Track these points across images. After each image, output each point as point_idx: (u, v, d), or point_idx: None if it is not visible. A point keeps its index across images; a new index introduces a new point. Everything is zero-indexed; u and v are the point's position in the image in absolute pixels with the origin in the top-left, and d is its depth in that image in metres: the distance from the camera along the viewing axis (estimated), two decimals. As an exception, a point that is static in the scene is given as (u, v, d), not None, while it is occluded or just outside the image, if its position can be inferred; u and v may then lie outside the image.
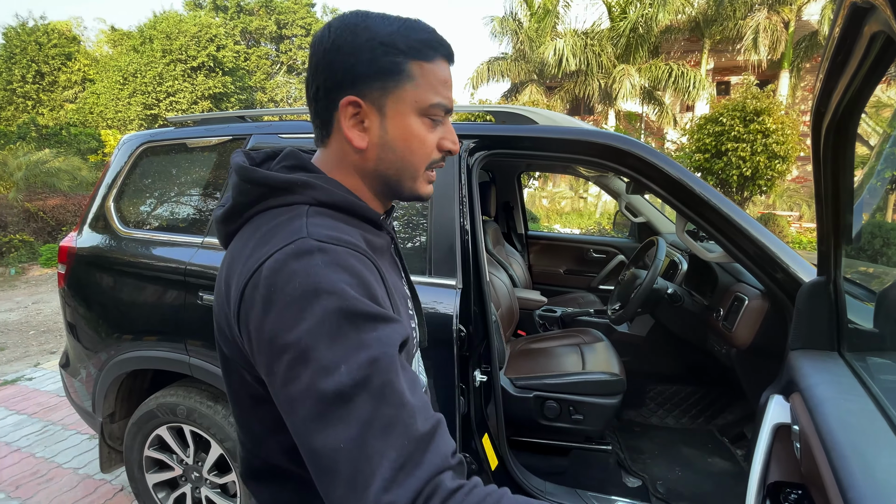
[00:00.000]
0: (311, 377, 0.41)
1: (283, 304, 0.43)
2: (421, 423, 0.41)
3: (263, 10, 22.81)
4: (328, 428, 0.40)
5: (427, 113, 0.55)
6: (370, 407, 0.40)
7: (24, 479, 2.16)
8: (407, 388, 0.43)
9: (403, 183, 0.57)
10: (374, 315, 0.44)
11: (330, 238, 0.47)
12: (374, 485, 0.38)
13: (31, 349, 3.94)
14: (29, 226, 7.66)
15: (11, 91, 18.39)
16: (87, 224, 1.86)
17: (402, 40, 0.52)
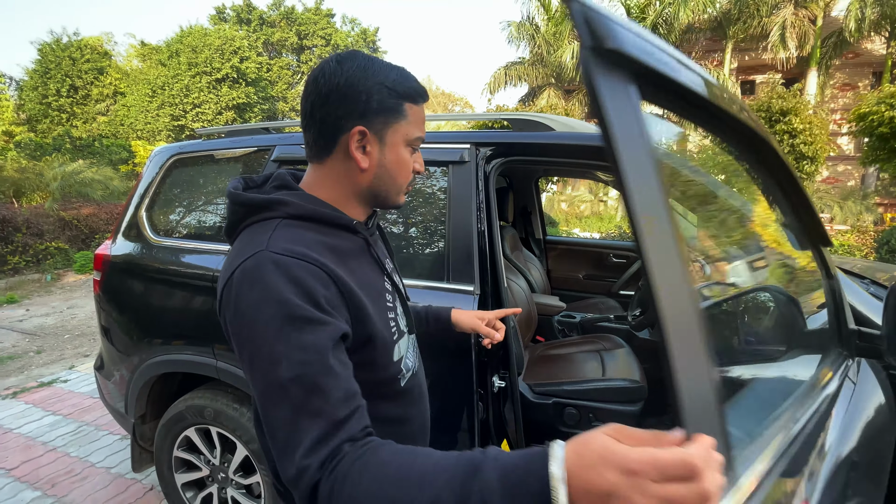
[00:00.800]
0: (262, 367, 0.55)
1: (244, 308, 0.57)
2: (341, 411, 0.54)
3: (285, 22, 23.38)
4: (272, 407, 0.54)
5: (411, 143, 0.70)
6: (302, 397, 0.53)
7: (59, 478, 2.26)
8: (333, 383, 0.55)
9: (390, 196, 0.72)
10: (311, 319, 0.56)
11: (285, 251, 0.59)
12: (298, 451, 0.51)
13: (66, 352, 4.11)
14: (64, 234, 8.00)
15: (47, 105, 19.30)
16: (120, 233, 1.95)
17: (401, 86, 0.67)
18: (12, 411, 2.94)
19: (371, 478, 0.48)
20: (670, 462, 0.37)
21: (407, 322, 0.79)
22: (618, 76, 0.51)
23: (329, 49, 23.80)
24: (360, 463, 0.50)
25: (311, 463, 0.50)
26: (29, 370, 3.69)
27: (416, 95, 0.69)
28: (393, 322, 0.73)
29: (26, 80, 19.83)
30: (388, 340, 0.70)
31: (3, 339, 4.45)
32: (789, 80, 12.89)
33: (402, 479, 0.47)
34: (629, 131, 0.50)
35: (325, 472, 0.50)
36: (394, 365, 0.72)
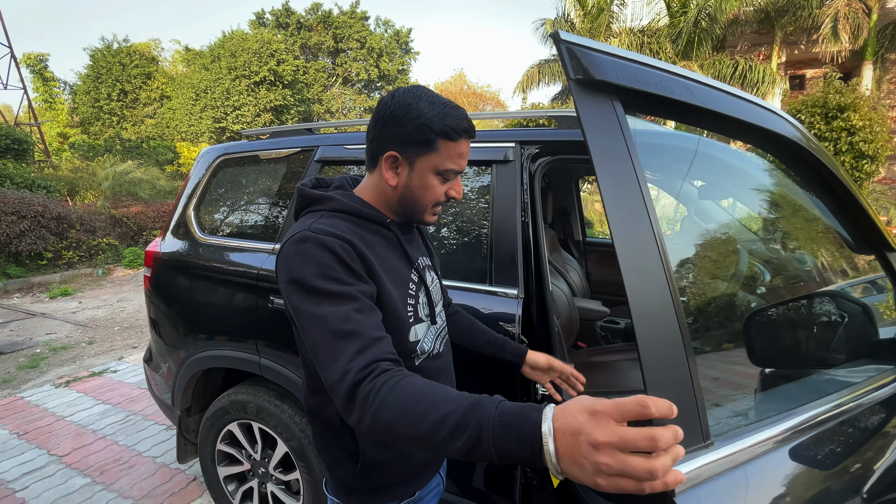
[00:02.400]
0: (305, 309, 0.70)
1: (289, 268, 0.73)
2: (373, 333, 0.69)
3: (321, 25, 23.89)
4: (317, 333, 0.69)
5: (441, 174, 0.81)
6: (338, 324, 0.68)
7: (107, 465, 2.36)
8: (364, 318, 0.70)
9: (416, 214, 0.86)
10: (340, 279, 0.72)
11: (321, 231, 0.74)
12: (340, 361, 0.66)
13: (115, 344, 4.32)
14: (114, 230, 8.44)
15: (99, 108, 20.45)
16: (169, 230, 2.01)
17: (438, 124, 0.77)
18: (65, 399, 3.11)
19: (402, 391, 0.61)
20: (627, 407, 0.46)
21: (429, 312, 0.91)
22: (603, 98, 0.63)
23: (363, 51, 24.16)
24: (395, 379, 0.62)
25: (353, 367, 0.64)
26: (81, 360, 3.89)
27: (452, 132, 0.78)
28: (411, 308, 0.85)
29: (80, 85, 21.09)
30: (402, 319, 0.82)
31: (58, 330, 4.72)
32: (843, 74, 12.14)
33: (424, 397, 0.59)
34: (612, 146, 0.61)
35: (366, 376, 0.63)
36: (408, 343, 0.83)
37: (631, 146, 0.63)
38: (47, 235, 7.11)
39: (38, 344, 4.28)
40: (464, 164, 0.83)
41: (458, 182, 0.85)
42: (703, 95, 0.75)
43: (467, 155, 0.82)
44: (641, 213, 0.62)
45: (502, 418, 0.52)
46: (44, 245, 7.03)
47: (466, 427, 0.53)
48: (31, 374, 3.57)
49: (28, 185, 8.36)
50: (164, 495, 2.13)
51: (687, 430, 0.57)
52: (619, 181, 0.61)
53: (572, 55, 0.61)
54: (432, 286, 0.93)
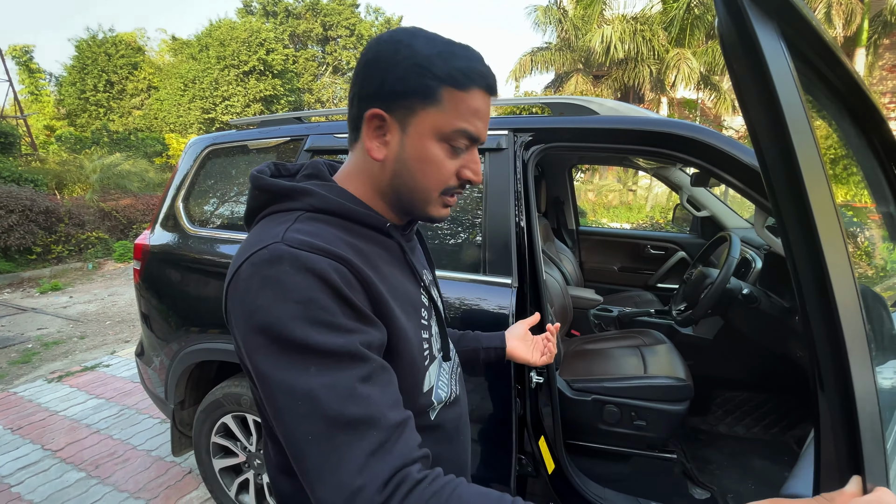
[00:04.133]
0: (281, 378, 0.46)
1: (254, 308, 0.47)
2: (392, 416, 0.47)
3: (310, 13, 23.49)
4: (298, 420, 0.45)
5: (448, 138, 0.55)
6: (338, 405, 0.45)
7: (102, 460, 2.35)
8: (374, 390, 0.47)
9: (415, 203, 0.59)
10: (337, 325, 0.47)
11: (302, 244, 0.49)
12: (344, 469, 0.43)
13: (107, 338, 4.28)
14: (103, 224, 8.33)
15: (85, 100, 20.05)
16: (158, 223, 1.98)
17: (441, 65, 0.53)
18: (58, 394, 3.09)
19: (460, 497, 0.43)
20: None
21: (442, 345, 0.67)
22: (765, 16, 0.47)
23: (353, 40, 23.82)
24: (437, 498, 0.43)
25: (368, 483, 0.42)
26: (73, 355, 3.86)
27: (462, 77, 0.53)
28: (426, 344, 0.62)
29: (65, 77, 20.64)
30: (419, 365, 0.59)
31: (49, 325, 4.67)
32: (836, 61, 12.14)
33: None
34: (782, 69, 0.45)
35: (391, 495, 0.42)
36: (423, 396, 0.61)
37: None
38: (36, 230, 7.01)
39: (29, 339, 4.24)
40: (482, 129, 0.57)
41: (475, 157, 0.59)
42: None
43: (487, 116, 0.57)
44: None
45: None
46: (32, 239, 6.93)
47: None
48: (23, 370, 3.54)
49: (15, 179, 8.22)
50: (159, 488, 2.13)
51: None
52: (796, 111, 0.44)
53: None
54: (441, 308, 0.72)
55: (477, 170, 0.59)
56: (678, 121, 1.24)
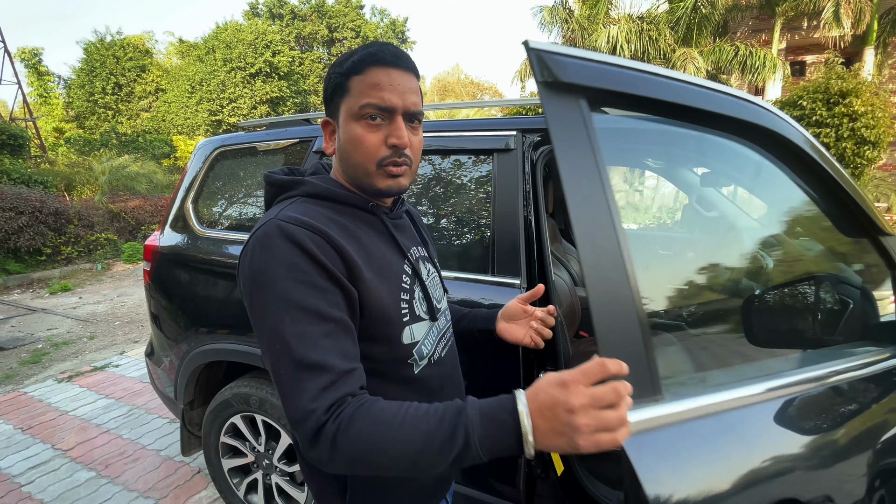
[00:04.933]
0: (267, 324, 0.60)
1: (254, 270, 0.62)
2: (341, 366, 0.60)
3: (316, 15, 23.61)
4: (277, 359, 0.59)
5: (360, 115, 0.67)
6: (303, 352, 0.58)
7: (112, 459, 2.37)
8: (331, 343, 0.60)
9: (361, 180, 0.71)
10: (313, 284, 0.61)
11: (290, 219, 0.63)
12: (304, 397, 0.58)
13: (117, 338, 4.32)
14: (112, 225, 8.41)
15: (93, 102, 20.28)
16: (168, 224, 2.00)
17: (347, 64, 0.68)
18: (68, 394, 3.11)
19: (373, 420, 0.56)
20: (590, 370, 0.52)
21: (428, 308, 0.77)
22: (569, 98, 0.67)
23: (359, 41, 23.90)
24: (362, 409, 0.57)
25: (317, 407, 0.57)
26: (83, 355, 3.90)
27: (359, 65, 0.67)
28: (406, 305, 0.73)
29: (74, 79, 20.89)
30: (392, 319, 0.70)
31: (59, 326, 4.72)
32: (845, 59, 12.04)
33: (399, 422, 0.56)
34: (576, 142, 0.65)
35: (330, 416, 0.57)
36: (402, 347, 0.71)
37: (595, 142, 0.67)
38: (46, 231, 7.09)
39: (39, 339, 4.28)
40: (389, 98, 0.65)
41: (399, 125, 0.67)
42: (669, 89, 0.78)
43: (393, 87, 0.66)
44: (602, 204, 0.66)
45: (483, 419, 0.55)
46: (42, 241, 7.01)
47: (454, 439, 0.54)
48: (33, 370, 3.58)
49: (25, 181, 8.32)
50: (168, 488, 2.14)
51: (640, 385, 0.63)
52: (582, 174, 0.66)
53: (541, 60, 0.65)
54: (429, 280, 0.81)
55: (400, 135, 0.67)
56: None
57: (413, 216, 0.90)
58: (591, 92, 0.68)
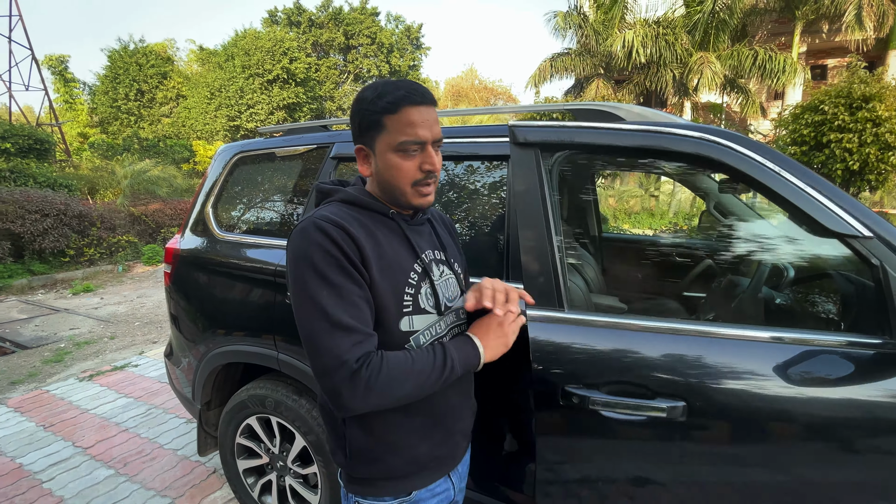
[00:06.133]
0: (304, 295, 0.77)
1: (293, 254, 0.80)
2: (366, 329, 0.78)
3: (332, 22, 23.95)
4: (314, 321, 0.76)
5: (398, 149, 0.81)
6: (336, 316, 0.76)
7: (130, 458, 2.42)
8: (357, 312, 0.78)
9: (397, 197, 0.86)
10: (340, 266, 0.77)
11: (324, 218, 0.80)
12: (338, 350, 0.75)
13: (136, 339, 4.41)
14: (133, 228, 8.61)
15: (117, 108, 20.84)
16: (188, 228, 2.04)
17: (378, 103, 0.80)
18: (89, 393, 3.19)
19: (394, 365, 0.77)
20: (512, 295, 0.89)
21: (435, 304, 0.90)
22: (528, 150, 1.22)
23: (374, 48, 24.17)
24: (384, 359, 0.77)
25: (350, 358, 0.74)
26: (104, 354, 3.99)
27: (392, 105, 0.79)
28: (408, 297, 0.86)
29: (98, 86, 21.50)
30: (390, 308, 0.83)
31: (81, 326, 4.84)
32: (867, 63, 11.76)
33: (411, 364, 0.79)
34: (530, 182, 1.21)
35: (361, 364, 0.74)
36: (399, 333, 0.84)
37: (545, 180, 1.21)
38: (69, 233, 7.29)
39: (62, 339, 4.40)
40: (423, 134, 0.80)
41: (430, 153, 0.82)
42: (607, 136, 1.18)
43: (424, 122, 0.80)
44: (541, 209, 1.21)
45: (460, 352, 0.84)
46: (66, 242, 7.21)
47: (445, 366, 0.81)
48: (55, 368, 3.67)
49: (50, 184, 8.57)
50: (185, 487, 2.17)
51: (549, 301, 1.16)
52: (531, 200, 1.21)
53: (515, 130, 1.22)
54: (440, 280, 0.93)
55: (433, 162, 0.83)
56: (713, 127, 1.21)
57: (445, 225, 1.05)
58: (542, 146, 1.21)
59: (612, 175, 10.88)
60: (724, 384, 1.01)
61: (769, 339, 1.03)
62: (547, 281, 1.17)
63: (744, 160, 1.06)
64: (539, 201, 1.20)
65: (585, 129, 1.18)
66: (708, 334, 1.07)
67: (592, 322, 1.14)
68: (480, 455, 1.19)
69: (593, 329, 1.14)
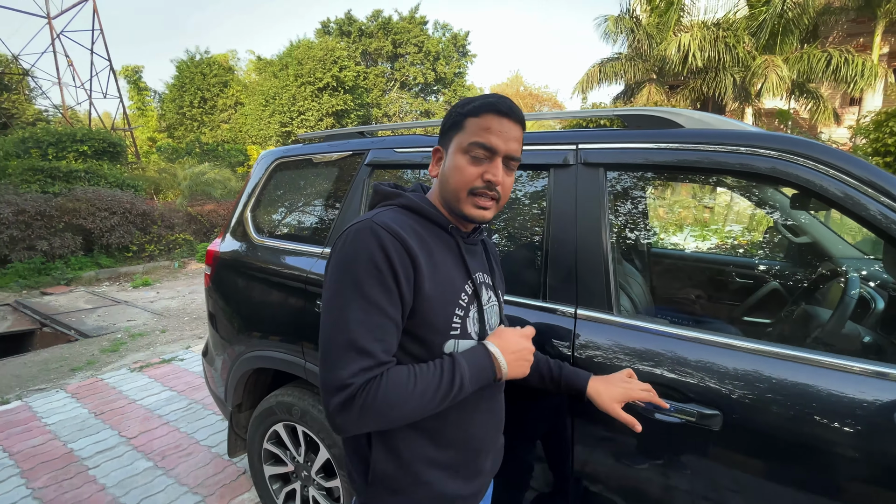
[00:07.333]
0: (335, 302, 0.73)
1: (341, 256, 0.75)
2: (382, 357, 0.72)
3: (381, 32, 24.56)
4: (335, 332, 0.72)
5: (467, 150, 0.79)
6: (358, 335, 0.71)
7: (168, 451, 2.49)
8: (382, 335, 0.72)
9: (452, 202, 0.82)
10: (383, 282, 0.72)
11: (383, 224, 0.75)
12: (346, 371, 0.70)
13: (185, 333, 4.62)
14: (190, 227, 9.12)
15: (182, 114, 22.34)
16: (229, 231, 2.08)
17: (467, 106, 0.81)
18: (138, 384, 3.35)
19: (392, 385, 0.70)
20: (531, 331, 0.87)
21: (480, 330, 0.85)
22: (593, 169, 1.23)
23: (420, 56, 24.53)
24: (385, 380, 0.71)
25: (354, 382, 0.69)
26: (154, 347, 4.20)
27: (477, 109, 0.78)
28: (457, 319, 0.81)
29: (167, 94, 23.16)
30: (438, 327, 0.78)
31: (137, 318, 5.14)
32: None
33: (414, 383, 0.72)
34: (592, 200, 1.22)
35: (360, 391, 0.69)
36: (442, 355, 0.79)
37: (604, 190, 1.21)
38: (133, 230, 7.83)
39: (119, 329, 4.68)
40: (495, 142, 0.78)
41: (497, 166, 0.79)
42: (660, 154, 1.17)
43: (501, 133, 0.78)
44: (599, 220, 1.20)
45: (472, 368, 0.76)
46: (130, 239, 7.74)
47: (452, 385, 0.74)
48: (111, 358, 3.90)
49: (119, 185, 9.26)
50: (216, 486, 2.20)
51: (602, 304, 1.15)
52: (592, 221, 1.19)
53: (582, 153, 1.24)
54: (487, 305, 0.88)
55: (496, 173, 0.79)
56: (791, 136, 1.06)
57: (487, 247, 0.99)
58: (606, 165, 1.21)
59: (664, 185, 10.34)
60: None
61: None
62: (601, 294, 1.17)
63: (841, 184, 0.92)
64: (598, 221, 1.18)
65: (647, 150, 1.15)
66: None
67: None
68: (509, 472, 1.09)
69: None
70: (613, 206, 1.35)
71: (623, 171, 1.27)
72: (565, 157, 1.27)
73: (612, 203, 1.33)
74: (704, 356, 1.02)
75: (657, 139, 1.19)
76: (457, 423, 0.83)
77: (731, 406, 0.95)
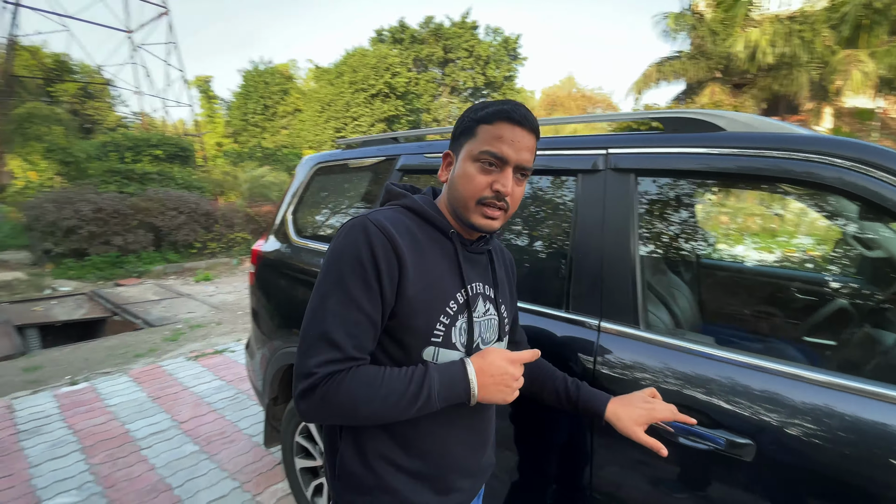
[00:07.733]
0: (320, 290, 0.75)
1: (333, 248, 0.76)
2: (353, 353, 0.72)
3: (433, 38, 24.93)
4: (312, 321, 0.73)
5: (477, 158, 0.77)
6: (332, 327, 0.71)
7: (213, 437, 2.64)
8: (357, 331, 0.72)
9: (460, 210, 0.80)
10: (365, 278, 0.72)
11: (375, 221, 0.75)
12: (314, 359, 0.71)
13: (237, 326, 4.90)
14: (248, 226, 9.69)
15: (246, 121, 23.84)
16: (272, 231, 2.18)
17: (480, 112, 0.79)
18: (192, 371, 3.59)
19: (358, 383, 0.71)
20: (525, 357, 0.80)
21: (467, 342, 0.81)
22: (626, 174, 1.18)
23: (471, 60, 24.63)
24: (350, 376, 0.71)
25: (320, 372, 0.70)
26: (209, 338, 4.49)
27: (490, 117, 0.76)
28: (441, 327, 0.78)
29: (233, 101, 24.82)
30: (419, 332, 0.77)
31: (197, 310, 5.51)
32: None
33: (378, 384, 0.71)
34: (621, 207, 1.17)
35: (324, 381, 0.70)
36: (419, 361, 0.77)
37: (634, 198, 1.15)
38: (198, 228, 8.43)
39: (180, 320, 5.05)
40: (506, 151, 0.75)
41: (507, 176, 0.76)
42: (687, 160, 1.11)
43: (513, 142, 0.76)
44: (627, 231, 1.13)
45: (443, 384, 0.73)
46: (195, 236, 8.35)
47: (419, 395, 0.72)
48: (171, 346, 4.21)
49: (187, 186, 10.01)
50: (253, 473, 2.31)
51: (628, 318, 1.09)
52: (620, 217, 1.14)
53: (611, 158, 1.19)
54: (481, 318, 0.84)
55: (505, 183, 0.76)
56: (858, 142, 0.95)
57: (504, 262, 0.97)
58: (637, 171, 1.15)
59: (718, 192, 9.67)
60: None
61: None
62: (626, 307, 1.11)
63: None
64: (627, 230, 1.13)
65: (682, 155, 1.10)
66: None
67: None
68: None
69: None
70: (648, 215, 1.28)
71: (656, 177, 1.20)
72: (594, 163, 1.22)
73: (647, 211, 1.26)
74: (736, 377, 0.93)
75: (694, 143, 1.11)
76: (430, 434, 0.81)
77: (765, 435, 0.87)
